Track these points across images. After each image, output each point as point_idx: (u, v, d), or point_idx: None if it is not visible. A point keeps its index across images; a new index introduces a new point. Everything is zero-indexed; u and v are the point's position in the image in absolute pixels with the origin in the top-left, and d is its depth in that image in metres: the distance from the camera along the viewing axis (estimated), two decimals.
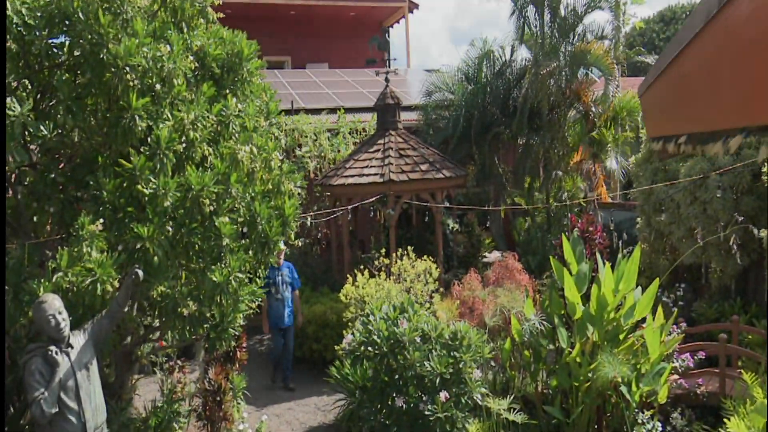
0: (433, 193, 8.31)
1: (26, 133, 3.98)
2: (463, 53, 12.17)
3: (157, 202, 3.96)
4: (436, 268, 6.14)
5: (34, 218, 4.66)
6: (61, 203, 4.43)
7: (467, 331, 4.90)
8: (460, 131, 10.12)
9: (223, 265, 4.12)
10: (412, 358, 4.58)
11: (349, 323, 5.89)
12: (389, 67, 8.93)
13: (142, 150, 4.06)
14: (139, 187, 3.95)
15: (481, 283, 6.00)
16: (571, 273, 5.59)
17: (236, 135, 4.51)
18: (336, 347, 6.30)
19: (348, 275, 6.78)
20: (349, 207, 7.84)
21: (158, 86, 4.14)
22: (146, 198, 3.98)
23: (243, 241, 4.32)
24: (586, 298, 5.65)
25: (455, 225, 8.53)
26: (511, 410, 4.96)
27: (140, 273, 3.66)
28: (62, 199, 4.43)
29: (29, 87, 4.38)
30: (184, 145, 4.21)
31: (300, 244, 9.66)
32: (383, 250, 6.65)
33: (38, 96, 4.45)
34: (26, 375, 3.38)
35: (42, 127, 4.02)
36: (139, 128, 4.04)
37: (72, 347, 3.54)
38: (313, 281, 8.75)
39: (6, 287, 4.08)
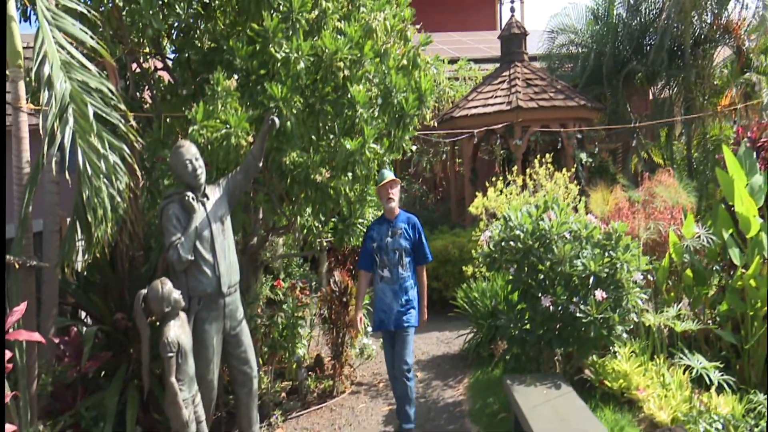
0: (564, 123, 7.59)
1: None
2: None
3: (290, 66, 3.77)
4: (576, 185, 5.50)
5: (167, 120, 4.67)
6: (194, 88, 4.42)
7: (623, 230, 4.26)
8: (588, 72, 9.29)
9: (356, 135, 3.84)
10: (562, 251, 4.04)
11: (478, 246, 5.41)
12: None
13: (274, 16, 3.90)
14: (272, 50, 3.77)
15: (628, 201, 5.29)
16: None
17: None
18: (464, 268, 5.85)
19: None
20: (475, 131, 7.32)
21: None
22: (279, 63, 3.80)
23: (377, 115, 4.01)
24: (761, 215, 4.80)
25: (589, 160, 7.68)
26: (680, 318, 4.26)
27: (276, 120, 3.44)
28: (195, 82, 4.40)
29: None
30: (316, 12, 4.00)
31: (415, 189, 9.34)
32: (515, 168, 6.08)
33: None
34: (164, 220, 3.26)
35: (177, 8, 4.03)
36: None
37: (208, 198, 3.39)
38: (431, 224, 8.16)
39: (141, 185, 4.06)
